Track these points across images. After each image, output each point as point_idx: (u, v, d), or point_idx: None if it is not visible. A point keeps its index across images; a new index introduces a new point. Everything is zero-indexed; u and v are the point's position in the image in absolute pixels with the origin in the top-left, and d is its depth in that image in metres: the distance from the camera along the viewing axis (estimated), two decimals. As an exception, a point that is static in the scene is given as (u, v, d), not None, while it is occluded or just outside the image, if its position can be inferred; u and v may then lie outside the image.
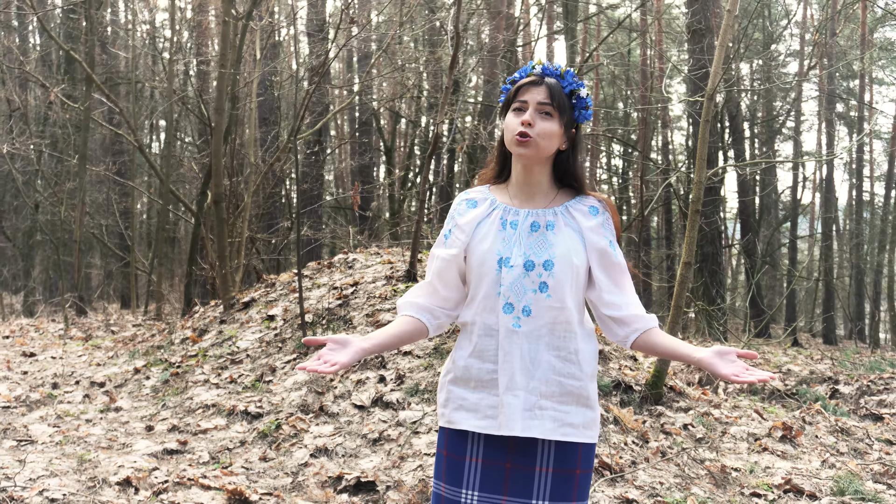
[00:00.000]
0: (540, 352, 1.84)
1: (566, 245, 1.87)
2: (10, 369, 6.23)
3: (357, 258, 6.78)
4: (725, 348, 1.82)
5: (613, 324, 1.92)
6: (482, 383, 1.88)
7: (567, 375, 1.85)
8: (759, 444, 4.62)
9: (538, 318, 1.84)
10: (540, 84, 1.91)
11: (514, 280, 1.85)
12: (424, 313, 1.94)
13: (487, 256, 1.88)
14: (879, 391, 7.15)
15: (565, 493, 1.85)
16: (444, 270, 1.94)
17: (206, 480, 3.75)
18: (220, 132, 6.27)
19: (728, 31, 4.98)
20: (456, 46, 5.50)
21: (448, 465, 1.91)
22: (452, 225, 1.97)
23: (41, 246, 15.76)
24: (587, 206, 1.93)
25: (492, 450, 1.87)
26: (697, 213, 5.01)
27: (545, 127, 1.87)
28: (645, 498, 3.72)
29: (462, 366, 1.91)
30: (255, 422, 4.53)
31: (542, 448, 1.86)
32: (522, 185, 1.94)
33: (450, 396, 1.93)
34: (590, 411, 1.88)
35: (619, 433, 4.37)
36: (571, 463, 1.86)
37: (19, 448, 4.35)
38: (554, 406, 1.84)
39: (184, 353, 5.93)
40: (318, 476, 3.87)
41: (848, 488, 4.02)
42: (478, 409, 1.87)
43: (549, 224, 1.89)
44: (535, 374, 1.84)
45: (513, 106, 1.91)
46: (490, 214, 1.93)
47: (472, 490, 1.87)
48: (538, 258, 1.85)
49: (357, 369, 4.89)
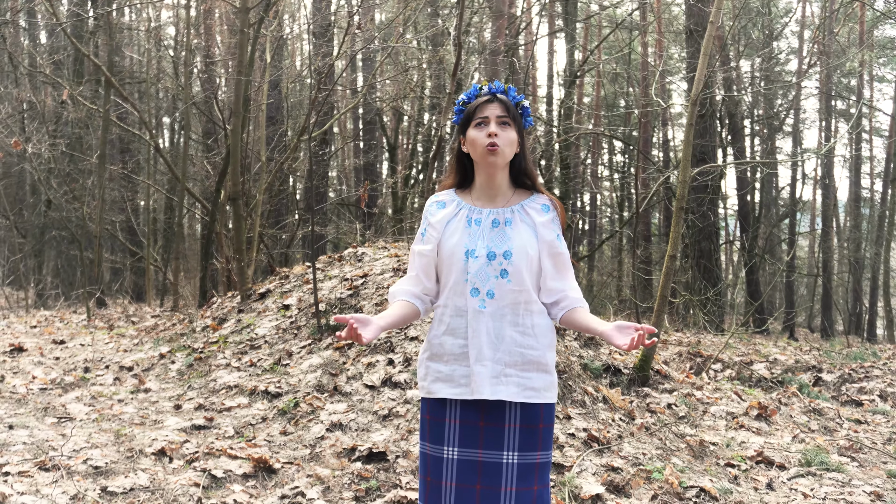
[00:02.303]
0: (504, 328, 2.20)
1: (522, 238, 2.23)
2: (42, 355, 6.66)
3: (366, 252, 7.20)
4: (626, 323, 2.09)
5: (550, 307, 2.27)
6: (454, 357, 2.23)
7: (527, 347, 2.21)
8: (737, 422, 5.03)
9: (501, 300, 2.21)
10: (493, 101, 2.28)
11: (479, 268, 2.21)
12: (416, 299, 2.31)
13: (456, 249, 2.24)
14: (860, 379, 7.54)
15: (531, 444, 2.21)
16: (426, 265, 2.31)
17: (233, 451, 4.16)
18: (237, 134, 6.68)
19: (710, 41, 5.37)
20: (458, 53, 5.89)
21: (431, 427, 2.27)
22: (427, 224, 2.34)
23: (53, 242, 16.20)
24: (540, 205, 2.30)
25: (467, 412, 2.23)
26: (682, 210, 5.41)
27: (508, 136, 2.25)
28: (629, 466, 4.12)
29: (437, 343, 2.27)
30: (275, 400, 4.95)
31: (510, 408, 2.21)
32: (486, 189, 2.30)
33: (427, 371, 2.30)
34: (548, 376, 2.25)
35: (608, 411, 4.78)
36: (535, 419, 2.22)
37: (59, 424, 4.76)
38: (517, 373, 2.20)
39: (205, 339, 6.35)
40: (334, 448, 4.28)
41: (814, 460, 4.43)
42: (452, 379, 2.23)
43: (507, 221, 2.25)
44: (500, 346, 2.20)
45: (474, 122, 2.27)
46: (457, 214, 2.30)
47: (453, 446, 2.22)
48: (499, 249, 2.22)
49: (367, 353, 5.30)
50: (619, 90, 21.20)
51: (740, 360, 8.16)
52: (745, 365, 7.89)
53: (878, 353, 9.47)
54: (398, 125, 17.52)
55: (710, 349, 8.86)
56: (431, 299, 2.33)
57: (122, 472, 3.83)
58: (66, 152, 13.85)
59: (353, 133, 19.09)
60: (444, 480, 2.22)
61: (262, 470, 3.97)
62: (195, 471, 3.87)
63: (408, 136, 18.95)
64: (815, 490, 4.07)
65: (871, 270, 20.28)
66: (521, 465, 2.20)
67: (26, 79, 14.22)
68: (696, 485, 3.91)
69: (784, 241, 21.06)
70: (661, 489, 3.87)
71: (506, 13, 13.21)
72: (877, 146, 25.01)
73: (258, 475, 3.92)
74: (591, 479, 3.90)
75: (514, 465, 2.19)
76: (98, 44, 13.45)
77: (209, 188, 12.59)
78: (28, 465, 3.83)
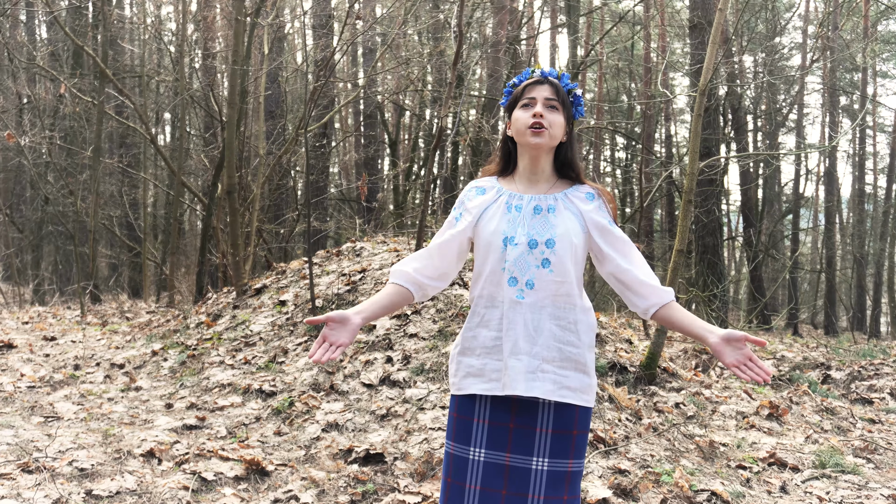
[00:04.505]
0: (543, 321, 2.05)
1: (566, 226, 2.07)
2: (32, 352, 6.50)
3: (364, 246, 7.03)
4: (736, 333, 1.92)
5: (631, 293, 2.10)
6: (487, 350, 2.08)
7: (567, 343, 2.06)
8: (747, 422, 4.86)
9: (541, 291, 2.05)
10: (544, 83, 2.14)
11: (517, 256, 2.05)
12: (412, 284, 2.14)
13: (494, 236, 2.09)
14: (870, 376, 7.38)
15: (563, 451, 2.06)
16: (447, 242, 2.16)
17: (224, 452, 4.00)
18: (232, 126, 6.51)
19: (719, 29, 5.20)
20: (459, 44, 5.73)
21: (458, 426, 2.12)
22: (462, 209, 2.19)
23: (51, 237, 16.05)
24: (584, 193, 2.14)
25: (497, 412, 2.08)
26: (690, 203, 5.24)
27: (554, 118, 2.10)
28: (636, 469, 3.96)
29: (470, 336, 2.12)
30: (270, 399, 4.79)
31: (543, 410, 2.06)
32: (529, 174, 2.16)
33: (459, 366, 2.15)
34: (587, 377, 2.09)
35: (614, 410, 4.61)
36: (569, 424, 2.07)
37: (46, 424, 4.61)
38: (554, 370, 2.04)
39: (199, 336, 6.19)
40: (330, 449, 4.12)
41: (829, 462, 4.26)
42: (483, 373, 2.09)
43: (551, 207, 2.10)
44: (537, 340, 2.04)
45: (521, 103, 2.13)
46: (497, 200, 2.15)
47: (480, 448, 2.08)
48: (541, 237, 2.06)
49: (365, 350, 5.14)
50: (622, 85, 21.04)
51: (747, 357, 7.99)
52: (752, 362, 7.72)
53: (887, 350, 9.30)
54: (399, 119, 17.35)
55: (716, 346, 8.69)
56: (433, 283, 2.16)
57: (108, 474, 3.67)
58: (62, 146, 13.69)
59: (353, 127, 18.93)
60: (468, 483, 2.08)
61: (255, 472, 3.81)
62: (185, 473, 3.71)
63: (408, 131, 18.78)
64: (831, 493, 3.90)
65: (874, 266, 20.12)
66: (550, 473, 2.04)
67: (23, 73, 14.05)
68: (708, 488, 3.75)
69: (787, 238, 20.90)
70: (671, 493, 3.71)
71: (507, 6, 13.03)
72: (880, 141, 24.85)
73: (250, 478, 3.76)
74: (597, 483, 3.74)
75: (543, 471, 2.04)
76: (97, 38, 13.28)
77: (207, 182, 12.43)
78: (10, 466, 3.67)
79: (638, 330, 8.91)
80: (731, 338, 1.93)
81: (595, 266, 2.18)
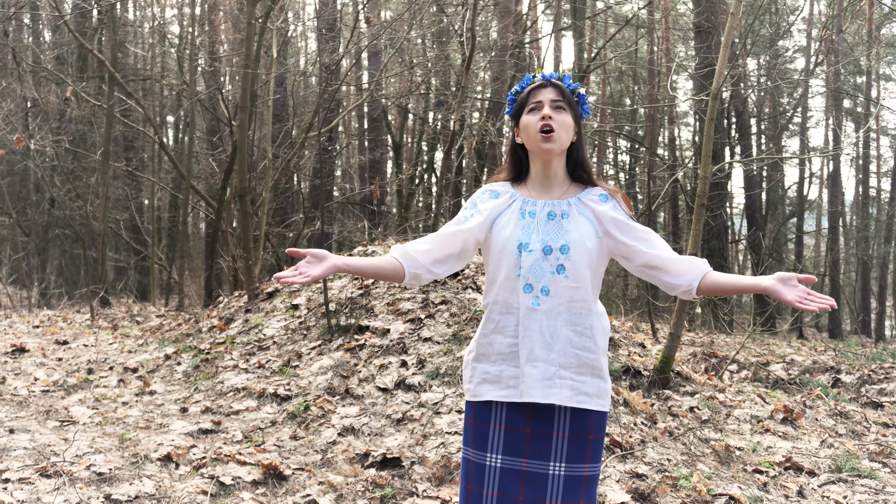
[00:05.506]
0: (558, 327, 2.05)
1: (580, 231, 2.08)
2: (45, 356, 6.51)
3: (376, 250, 7.04)
4: (787, 274, 1.94)
5: (668, 276, 2.07)
6: (503, 356, 2.09)
7: (583, 349, 2.06)
8: (762, 426, 4.86)
9: (556, 297, 2.05)
10: (547, 86, 2.15)
11: (533, 263, 2.06)
12: (408, 260, 2.12)
13: (508, 242, 2.09)
14: (880, 380, 7.37)
15: (580, 455, 2.06)
16: (453, 235, 2.15)
17: (241, 456, 4.01)
18: (244, 129, 6.52)
19: (731, 32, 5.21)
20: (472, 48, 5.74)
21: (475, 432, 2.13)
22: (475, 209, 2.19)
23: (57, 240, 16.06)
24: (597, 195, 2.15)
25: (513, 417, 2.08)
26: (703, 208, 5.24)
27: (563, 119, 2.11)
28: (654, 473, 3.96)
29: (485, 342, 2.12)
30: (285, 403, 4.79)
31: (559, 415, 2.07)
32: (542, 179, 2.16)
33: (474, 373, 2.15)
34: (602, 382, 2.09)
35: (629, 414, 4.61)
36: (585, 429, 2.07)
37: (62, 428, 4.62)
38: (571, 376, 2.05)
39: (212, 340, 6.20)
40: (347, 453, 4.13)
41: (845, 466, 4.26)
42: (499, 380, 2.09)
43: (564, 213, 2.10)
44: (553, 346, 2.04)
45: (528, 108, 2.13)
46: (510, 205, 2.15)
47: (497, 454, 2.08)
48: (555, 243, 2.06)
49: (380, 355, 5.14)
50: (626, 89, 21.05)
51: (756, 360, 7.99)
52: (762, 366, 7.72)
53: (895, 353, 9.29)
54: (403, 123, 17.36)
55: (724, 349, 8.69)
56: (429, 269, 2.13)
57: (126, 478, 3.68)
58: (69, 149, 13.71)
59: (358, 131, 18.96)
60: (485, 489, 2.08)
61: (272, 476, 3.82)
62: (202, 477, 3.72)
63: (412, 135, 18.79)
64: (849, 498, 3.90)
65: (879, 269, 20.09)
66: (567, 478, 2.04)
67: (30, 76, 14.08)
68: (725, 493, 3.75)
69: (791, 241, 20.87)
70: (689, 497, 3.71)
71: (513, 11, 13.05)
72: (883, 145, 24.84)
73: (268, 482, 3.76)
74: (615, 487, 3.74)
75: (560, 476, 2.04)
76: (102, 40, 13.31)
77: (214, 186, 12.45)
78: (29, 471, 3.68)
79: (647, 334, 8.91)
80: (784, 278, 1.94)
81: (624, 266, 2.16)
